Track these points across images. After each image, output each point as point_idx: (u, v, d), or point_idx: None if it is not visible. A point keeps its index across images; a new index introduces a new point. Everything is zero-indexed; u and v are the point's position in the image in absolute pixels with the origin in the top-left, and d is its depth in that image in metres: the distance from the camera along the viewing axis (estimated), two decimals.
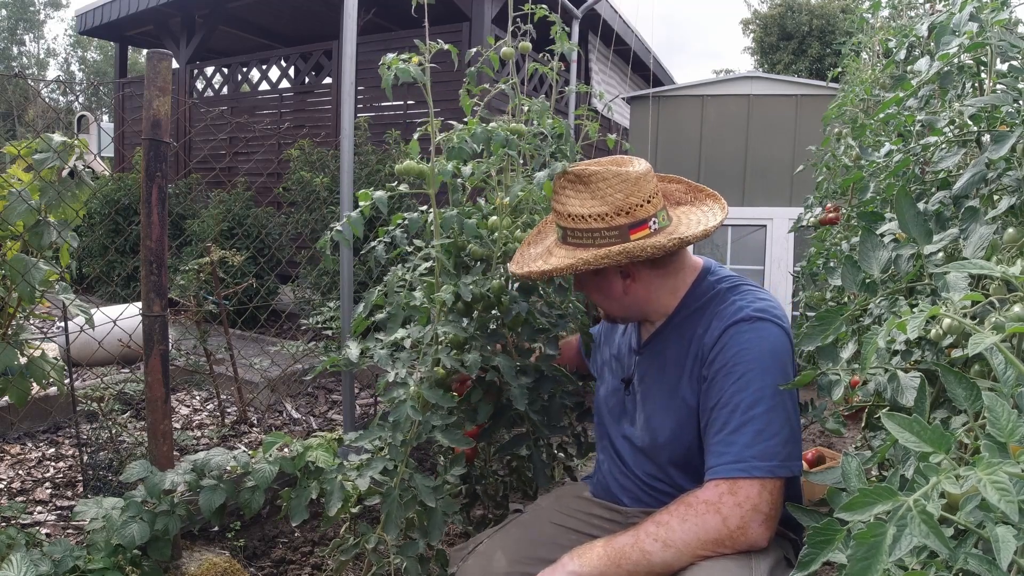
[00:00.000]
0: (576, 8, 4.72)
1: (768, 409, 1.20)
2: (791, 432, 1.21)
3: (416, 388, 1.51)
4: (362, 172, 4.89)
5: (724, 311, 1.30)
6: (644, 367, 1.44)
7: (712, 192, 1.44)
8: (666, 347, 1.39)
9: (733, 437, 1.20)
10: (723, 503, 1.16)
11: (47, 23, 53.61)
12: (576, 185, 1.32)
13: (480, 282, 1.61)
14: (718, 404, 1.24)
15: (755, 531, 1.16)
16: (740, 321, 1.25)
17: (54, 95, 24.35)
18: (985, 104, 1.11)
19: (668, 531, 1.19)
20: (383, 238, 1.71)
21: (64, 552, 1.57)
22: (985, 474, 0.63)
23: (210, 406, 3.65)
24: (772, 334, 1.24)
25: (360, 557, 1.71)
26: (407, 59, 1.55)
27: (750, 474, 1.16)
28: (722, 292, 1.35)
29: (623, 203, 1.28)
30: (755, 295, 1.33)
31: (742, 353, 1.23)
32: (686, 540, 1.17)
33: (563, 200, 1.33)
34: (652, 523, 1.22)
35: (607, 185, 1.30)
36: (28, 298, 1.75)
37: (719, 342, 1.26)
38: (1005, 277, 0.81)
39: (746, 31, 22.71)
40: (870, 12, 2.87)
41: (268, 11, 7.62)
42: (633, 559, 1.20)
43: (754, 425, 1.19)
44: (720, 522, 1.16)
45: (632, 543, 1.21)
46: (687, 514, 1.19)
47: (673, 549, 1.18)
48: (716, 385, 1.25)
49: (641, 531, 1.22)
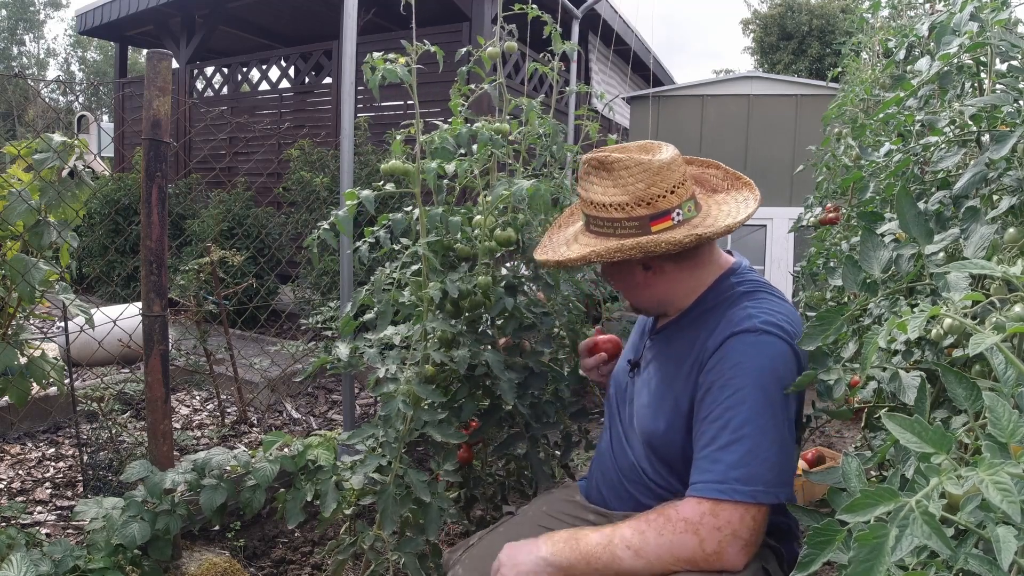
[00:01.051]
0: (576, 8, 4.72)
1: (758, 429, 1.14)
2: (781, 456, 1.15)
3: (407, 384, 1.52)
4: (362, 172, 4.89)
5: (732, 316, 1.24)
6: (652, 353, 1.42)
7: (748, 181, 1.39)
8: (672, 341, 1.36)
9: (719, 455, 1.15)
10: (702, 524, 1.13)
11: (47, 23, 53.61)
12: (599, 172, 1.27)
13: (467, 279, 1.61)
14: (709, 417, 1.19)
15: (732, 557, 1.12)
16: (745, 331, 1.20)
17: (54, 95, 24.36)
18: (985, 104, 1.11)
19: (643, 542, 1.16)
20: (368, 238, 1.72)
21: (64, 552, 1.57)
22: (987, 475, 0.63)
23: (210, 406, 3.65)
24: (776, 350, 1.19)
25: (360, 556, 1.71)
26: (394, 59, 1.56)
27: (732, 497, 1.12)
28: (737, 296, 1.29)
29: (644, 193, 1.24)
30: (771, 305, 1.26)
31: (740, 367, 1.18)
32: (659, 555, 1.14)
33: (586, 187, 1.29)
34: (629, 528, 1.19)
35: (629, 174, 1.25)
36: (28, 298, 1.75)
37: (720, 350, 1.21)
38: (1006, 277, 0.81)
39: (746, 31, 22.73)
40: (870, 12, 2.87)
41: (268, 11, 7.62)
42: (603, 560, 1.17)
43: (743, 445, 1.14)
44: (696, 544, 1.13)
45: (605, 545, 1.18)
46: (664, 528, 1.15)
47: (644, 561, 1.15)
48: (710, 396, 1.20)
49: (616, 534, 1.19)
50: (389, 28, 7.06)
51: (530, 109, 1.77)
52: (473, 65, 1.76)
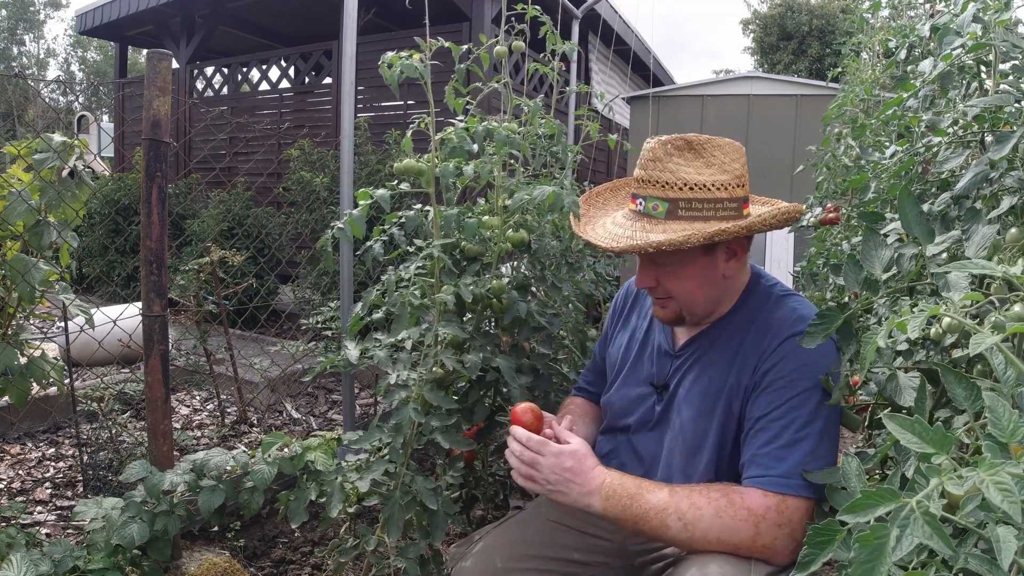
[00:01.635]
0: (576, 8, 4.72)
1: (820, 431, 1.16)
2: (831, 456, 1.17)
3: (418, 390, 1.50)
4: (362, 172, 4.89)
5: (785, 317, 1.25)
6: (684, 371, 1.35)
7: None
8: (711, 350, 1.31)
9: (784, 452, 1.15)
10: (765, 518, 1.12)
11: (47, 23, 53.61)
12: (684, 153, 1.23)
13: (480, 282, 1.60)
14: (769, 415, 1.19)
15: (783, 552, 1.12)
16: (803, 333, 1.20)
17: (54, 95, 24.35)
18: (988, 104, 1.11)
19: (697, 517, 1.13)
20: (380, 236, 1.71)
21: (64, 552, 1.57)
22: (988, 475, 0.63)
23: (210, 406, 3.65)
24: (830, 351, 1.19)
25: (359, 557, 1.70)
26: (408, 56, 1.55)
27: (799, 493, 1.12)
28: (777, 297, 1.30)
29: (742, 172, 1.23)
30: (808, 305, 1.28)
31: (805, 368, 1.18)
32: (706, 534, 1.13)
33: (671, 168, 1.23)
34: (687, 500, 1.15)
35: (723, 153, 1.23)
36: (28, 298, 1.74)
37: (779, 350, 1.21)
38: (1006, 277, 0.81)
39: (746, 31, 22.74)
40: (870, 12, 2.87)
41: (268, 11, 7.62)
42: (651, 525, 1.16)
43: (807, 444, 1.15)
44: (751, 535, 1.12)
45: (658, 512, 1.15)
46: (724, 511, 1.13)
47: (688, 534, 1.14)
48: (771, 395, 1.20)
49: (673, 504, 1.15)
50: (389, 28, 7.06)
51: (535, 110, 1.76)
52: (472, 64, 1.76)
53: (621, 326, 1.56)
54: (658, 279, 1.30)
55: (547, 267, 1.82)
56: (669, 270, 1.28)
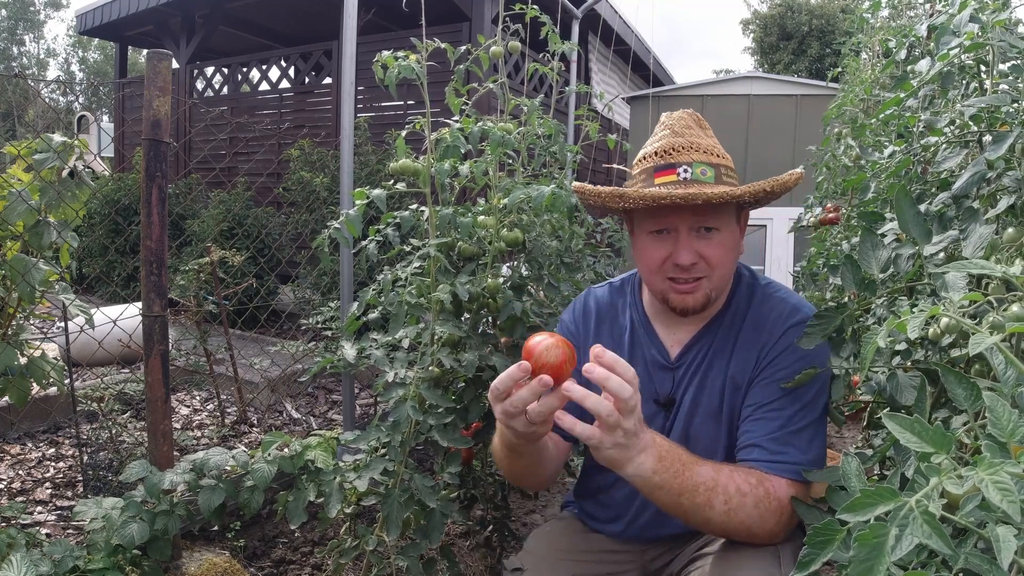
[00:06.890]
0: (576, 8, 4.72)
1: (819, 418, 1.20)
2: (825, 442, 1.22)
3: (415, 388, 1.51)
4: (362, 172, 4.89)
5: (780, 308, 1.27)
6: (687, 381, 1.32)
7: None
8: (710, 353, 1.31)
9: (791, 438, 1.17)
10: (786, 509, 1.13)
11: (47, 23, 53.62)
12: (701, 124, 1.29)
13: (476, 281, 1.61)
14: (774, 403, 1.20)
15: (781, 535, 1.15)
16: (801, 322, 1.22)
17: (54, 95, 24.33)
18: (986, 104, 1.11)
19: (740, 503, 1.10)
20: (375, 236, 1.71)
21: (64, 552, 1.57)
22: (987, 474, 0.63)
23: (210, 406, 3.65)
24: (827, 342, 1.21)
25: (359, 557, 1.70)
26: (404, 56, 1.55)
27: (804, 479, 1.15)
28: (761, 289, 1.33)
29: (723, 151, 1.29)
30: (791, 292, 1.32)
31: (809, 358, 1.20)
32: (743, 522, 1.11)
33: (701, 136, 1.27)
34: (734, 484, 1.10)
35: (711, 133, 1.30)
36: (28, 298, 1.75)
37: (781, 340, 1.24)
38: (1005, 277, 0.81)
39: (746, 31, 22.73)
40: (870, 12, 2.87)
41: (268, 11, 7.62)
42: (697, 501, 1.08)
43: (812, 430, 1.18)
44: (773, 524, 1.13)
45: (709, 487, 1.08)
46: (761, 502, 1.12)
47: (726, 520, 1.10)
48: (774, 385, 1.21)
49: (722, 482, 1.10)
50: (389, 28, 7.06)
51: (533, 110, 1.76)
52: (471, 64, 1.76)
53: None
54: (700, 253, 1.22)
55: (544, 267, 1.82)
56: (714, 240, 1.23)
